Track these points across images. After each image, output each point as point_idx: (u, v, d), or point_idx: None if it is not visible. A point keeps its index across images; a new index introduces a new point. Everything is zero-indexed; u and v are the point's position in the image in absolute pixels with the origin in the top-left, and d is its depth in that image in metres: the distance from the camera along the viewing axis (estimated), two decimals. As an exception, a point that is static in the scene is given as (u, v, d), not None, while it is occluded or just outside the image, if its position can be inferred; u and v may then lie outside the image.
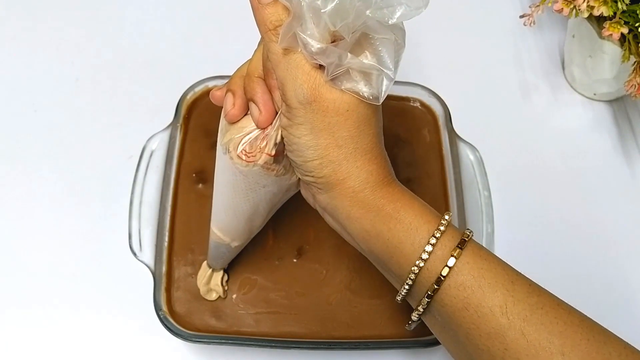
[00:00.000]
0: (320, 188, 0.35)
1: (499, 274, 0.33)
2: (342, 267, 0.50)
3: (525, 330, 0.31)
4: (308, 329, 0.48)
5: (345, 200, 0.34)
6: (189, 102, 0.57)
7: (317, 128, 0.33)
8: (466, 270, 0.33)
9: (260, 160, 0.36)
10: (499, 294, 0.32)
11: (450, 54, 0.67)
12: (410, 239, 0.33)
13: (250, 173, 0.37)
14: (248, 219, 0.42)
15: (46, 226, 0.55)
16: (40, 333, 0.51)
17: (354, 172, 0.34)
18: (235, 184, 0.39)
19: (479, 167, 0.54)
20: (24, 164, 0.59)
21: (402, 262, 0.34)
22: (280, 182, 0.39)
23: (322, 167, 0.34)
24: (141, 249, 0.50)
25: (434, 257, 0.33)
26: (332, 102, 0.32)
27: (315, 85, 0.32)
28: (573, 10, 0.51)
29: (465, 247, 0.33)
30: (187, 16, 0.69)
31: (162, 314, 0.47)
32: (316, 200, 0.37)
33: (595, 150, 0.61)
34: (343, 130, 0.33)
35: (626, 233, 0.56)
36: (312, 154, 0.34)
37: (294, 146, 0.34)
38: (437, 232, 0.33)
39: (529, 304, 0.32)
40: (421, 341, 0.47)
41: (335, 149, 0.33)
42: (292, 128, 0.34)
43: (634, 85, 0.50)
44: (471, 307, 0.32)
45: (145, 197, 0.52)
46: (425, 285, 0.33)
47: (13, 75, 0.64)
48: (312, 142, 0.33)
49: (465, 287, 0.32)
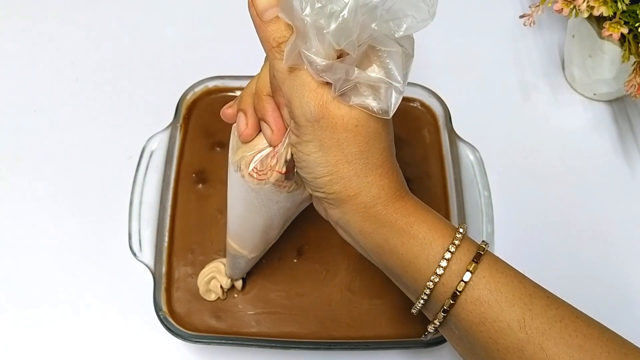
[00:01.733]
0: (331, 203, 0.35)
1: (516, 288, 0.32)
2: (342, 268, 0.50)
3: (544, 345, 0.31)
4: (308, 329, 0.48)
5: (356, 216, 0.34)
6: (189, 103, 0.57)
7: (326, 145, 0.32)
8: (482, 285, 0.32)
9: (271, 178, 0.36)
10: (517, 308, 0.32)
11: (450, 54, 0.67)
12: (425, 253, 0.33)
13: (262, 190, 0.37)
14: (263, 232, 0.42)
15: (46, 226, 0.55)
16: (40, 333, 0.51)
17: (365, 187, 0.33)
18: (249, 200, 0.39)
19: (479, 167, 0.54)
20: (24, 164, 0.59)
21: (417, 276, 0.33)
22: (292, 198, 0.39)
23: (332, 183, 0.33)
24: (141, 249, 0.50)
25: (449, 272, 0.32)
26: (341, 119, 0.32)
27: (322, 102, 0.32)
28: (573, 11, 0.51)
29: (481, 260, 0.33)
30: (187, 16, 0.69)
31: (162, 314, 0.47)
32: (328, 215, 0.36)
33: (595, 150, 0.61)
34: (353, 146, 0.33)
35: (626, 233, 0.56)
36: (322, 171, 0.33)
37: (303, 163, 0.34)
38: (452, 246, 0.33)
39: (547, 318, 0.32)
40: (421, 341, 0.47)
41: (346, 165, 0.33)
42: (301, 145, 0.33)
43: (633, 85, 0.50)
44: (488, 322, 0.32)
45: (145, 198, 0.52)
46: (441, 300, 0.33)
47: (13, 75, 0.64)
48: (321, 159, 0.33)
49: (482, 301, 0.32)
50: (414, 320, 0.48)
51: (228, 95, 0.58)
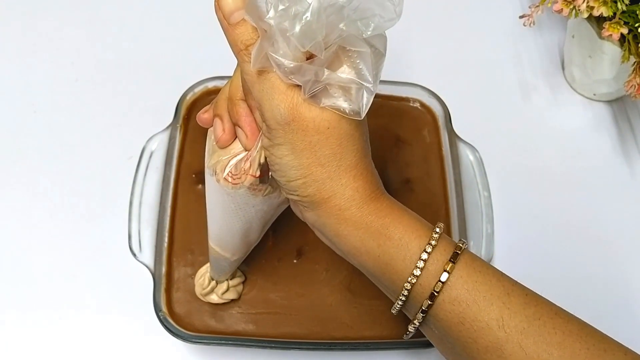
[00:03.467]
0: (306, 206, 0.34)
1: (494, 286, 0.32)
2: (341, 268, 0.50)
3: (523, 343, 0.31)
4: (308, 329, 0.48)
5: (331, 219, 0.34)
6: (189, 103, 0.57)
7: (298, 148, 0.32)
8: (460, 285, 0.32)
9: (245, 182, 0.36)
10: (495, 307, 0.32)
11: (450, 55, 0.67)
12: (402, 255, 0.33)
13: (237, 195, 0.37)
14: (243, 236, 0.42)
15: (46, 227, 0.55)
16: (39, 334, 0.51)
17: (339, 190, 0.33)
18: (225, 204, 0.39)
19: (479, 168, 0.54)
20: (24, 164, 0.59)
21: (394, 278, 0.33)
22: (269, 201, 0.38)
23: (306, 186, 0.33)
24: (141, 250, 0.50)
25: (427, 273, 0.32)
26: (312, 121, 0.31)
27: (292, 104, 0.31)
28: (573, 11, 0.51)
29: (458, 260, 0.33)
30: (187, 17, 0.69)
31: (162, 314, 0.47)
32: (304, 217, 0.36)
33: (595, 150, 0.61)
34: (325, 148, 0.32)
35: (626, 233, 0.56)
36: (294, 174, 0.33)
37: (276, 166, 0.33)
38: (429, 246, 0.33)
39: (525, 316, 0.32)
40: (421, 341, 0.47)
41: (319, 167, 0.32)
42: (274, 148, 0.33)
43: (633, 86, 0.50)
44: (467, 322, 0.32)
45: (145, 198, 0.52)
46: (419, 300, 0.33)
47: (13, 75, 0.64)
48: (294, 162, 0.32)
49: (460, 301, 0.32)
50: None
51: (228, 95, 0.58)
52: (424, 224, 0.34)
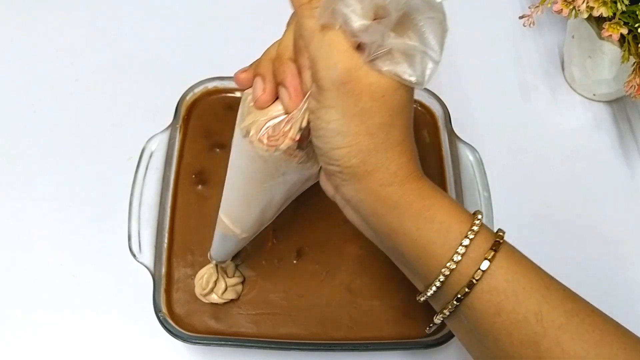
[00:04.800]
0: (345, 179, 0.33)
1: (534, 279, 0.31)
2: (342, 268, 0.50)
3: (560, 339, 0.30)
4: (308, 330, 0.48)
5: (371, 195, 0.32)
6: (189, 103, 0.57)
7: (348, 113, 0.30)
8: (500, 274, 0.31)
9: (282, 145, 0.34)
10: (534, 301, 0.31)
11: (449, 55, 0.67)
12: (441, 239, 0.32)
13: (270, 159, 0.35)
14: (261, 210, 0.40)
15: (45, 227, 0.55)
16: (39, 335, 0.51)
17: (383, 163, 0.32)
18: (252, 170, 0.37)
19: (479, 168, 0.54)
20: (23, 164, 0.59)
21: (430, 263, 0.32)
22: (300, 171, 0.36)
23: (350, 156, 0.31)
24: (140, 251, 0.50)
25: (467, 260, 0.31)
26: (368, 86, 0.30)
27: (351, 65, 0.30)
28: (572, 11, 0.51)
29: (499, 249, 0.31)
30: (187, 17, 0.69)
31: (162, 315, 0.47)
32: (339, 192, 0.34)
33: (595, 150, 0.61)
34: (376, 117, 0.31)
35: (626, 233, 0.56)
36: (340, 142, 0.31)
37: (321, 132, 0.32)
38: (471, 233, 0.31)
39: (564, 311, 0.31)
40: (421, 342, 0.47)
41: (366, 137, 0.31)
42: (321, 111, 0.31)
43: (633, 86, 0.50)
44: (504, 313, 0.31)
45: (144, 198, 0.52)
46: (455, 288, 0.32)
47: (12, 76, 0.64)
48: (342, 128, 0.31)
49: (499, 291, 0.31)
50: (414, 321, 0.48)
51: (228, 96, 0.58)
52: (464, 211, 0.33)
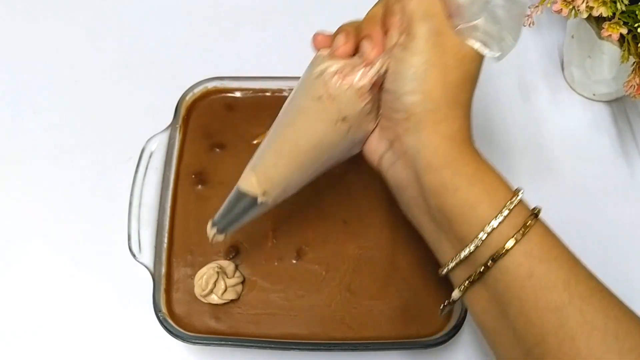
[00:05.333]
0: (409, 128, 0.35)
1: (564, 253, 0.33)
2: (341, 268, 0.50)
3: (583, 309, 0.31)
4: (308, 330, 0.48)
5: (431, 145, 0.34)
6: (188, 104, 0.57)
7: (432, 62, 0.33)
8: (535, 241, 0.33)
9: (359, 82, 0.36)
10: (564, 270, 0.32)
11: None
12: (489, 199, 0.33)
13: (340, 96, 0.36)
14: (299, 162, 0.39)
15: (44, 227, 0.55)
16: (39, 335, 0.51)
17: (449, 118, 0.34)
18: (312, 110, 0.37)
19: (479, 168, 0.54)
20: (23, 165, 0.59)
21: (474, 221, 0.33)
22: (358, 121, 0.37)
23: (422, 102, 0.34)
24: (140, 251, 0.50)
25: (508, 222, 0.33)
26: (455, 44, 0.33)
27: (445, 22, 0.33)
28: (572, 11, 0.51)
29: (537, 220, 0.33)
30: (186, 18, 0.69)
31: (162, 315, 0.47)
32: (398, 142, 0.36)
33: (595, 150, 0.61)
34: (454, 75, 0.34)
35: (626, 233, 0.56)
36: (417, 87, 0.34)
37: (401, 74, 0.34)
38: (515, 198, 0.33)
39: (589, 286, 0.32)
40: (421, 342, 0.47)
41: (441, 89, 0.34)
42: (407, 56, 0.34)
43: (633, 86, 0.50)
44: (535, 277, 0.32)
45: (144, 199, 0.52)
46: (493, 247, 0.33)
47: (12, 76, 0.64)
48: (422, 74, 0.33)
49: (534, 256, 0.32)
50: (414, 321, 0.48)
51: (228, 96, 0.58)
52: (507, 181, 0.35)
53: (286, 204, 0.53)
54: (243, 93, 0.58)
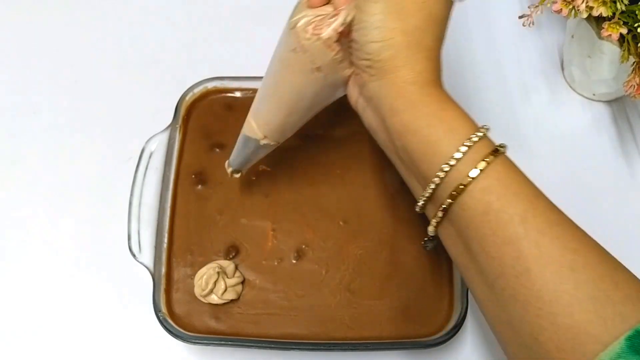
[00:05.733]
0: (372, 74, 0.36)
1: (524, 187, 0.34)
2: (341, 268, 0.50)
3: (539, 241, 0.32)
4: (308, 330, 0.48)
5: (393, 90, 0.35)
6: (188, 104, 0.57)
7: (390, 8, 0.34)
8: (494, 176, 0.33)
9: (325, 34, 0.37)
10: (521, 205, 0.33)
11: (448, 55, 0.67)
12: (448, 138, 0.34)
13: (310, 48, 0.38)
14: (287, 109, 0.43)
15: (44, 228, 0.55)
16: (39, 335, 0.51)
17: (410, 62, 0.35)
18: (290, 62, 0.39)
19: (479, 168, 0.54)
20: (23, 165, 0.59)
21: (433, 160, 0.34)
22: (334, 69, 0.39)
23: (383, 49, 0.35)
24: (140, 251, 0.50)
25: (467, 158, 0.33)
26: None
27: None
28: (572, 11, 0.51)
29: (498, 156, 0.34)
30: (186, 18, 0.69)
31: (162, 315, 0.47)
32: (364, 89, 0.37)
33: (594, 150, 0.61)
34: (413, 18, 0.34)
35: (626, 233, 0.56)
36: (377, 35, 0.35)
37: (362, 24, 0.35)
38: (475, 136, 0.34)
39: (547, 219, 0.33)
40: (421, 342, 0.47)
41: (401, 35, 0.34)
42: (367, 5, 0.35)
43: (633, 86, 0.50)
44: (492, 212, 0.33)
45: (144, 199, 0.52)
46: (452, 185, 0.34)
47: (12, 76, 0.64)
48: (381, 22, 0.34)
49: (491, 191, 0.33)
50: (414, 321, 0.48)
51: (227, 96, 0.58)
52: (472, 120, 0.35)
53: (286, 204, 0.53)
54: (243, 93, 0.58)
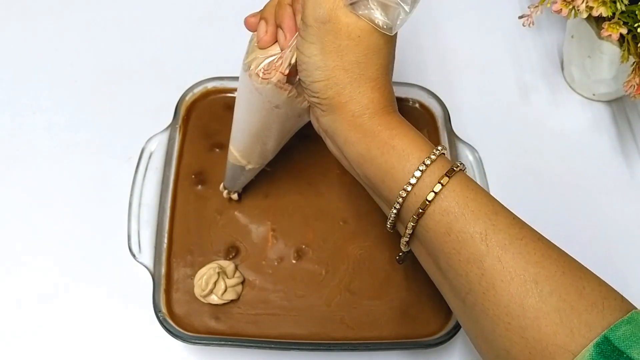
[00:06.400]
0: (323, 110, 0.37)
1: (484, 204, 0.34)
2: (341, 268, 0.50)
3: (502, 258, 0.32)
4: (308, 330, 0.48)
5: (344, 124, 0.36)
6: (188, 104, 0.57)
7: (327, 49, 0.35)
8: (451, 197, 0.34)
9: (274, 79, 0.38)
10: (481, 222, 0.33)
11: (449, 55, 0.67)
12: (402, 164, 0.35)
13: (264, 91, 0.39)
14: (261, 140, 0.45)
15: (44, 228, 0.55)
16: (39, 335, 0.51)
17: (356, 97, 0.36)
18: (251, 102, 0.41)
19: (478, 168, 0.54)
20: (23, 165, 0.59)
21: (392, 186, 0.35)
22: (292, 105, 0.40)
23: (327, 88, 0.36)
24: (140, 251, 0.50)
25: (422, 183, 0.34)
26: (346, 26, 0.34)
27: (334, 6, 0.34)
28: (572, 11, 0.51)
29: (454, 176, 0.34)
30: (186, 18, 0.69)
31: (162, 315, 0.47)
32: (319, 123, 0.38)
33: (594, 150, 0.61)
34: (351, 54, 0.35)
35: (625, 233, 0.56)
36: (319, 75, 0.36)
37: (304, 65, 0.36)
38: (428, 159, 0.34)
39: (509, 234, 0.33)
40: (421, 342, 0.47)
41: (342, 71, 0.35)
42: (305, 46, 0.35)
43: (632, 86, 0.50)
44: (453, 233, 0.33)
45: (144, 199, 0.52)
46: (412, 209, 0.35)
47: (12, 76, 0.64)
48: (320, 62, 0.35)
49: (449, 212, 0.34)
50: (414, 321, 0.48)
51: (227, 96, 0.58)
52: (427, 143, 0.36)
53: (286, 204, 0.53)
54: (243, 93, 0.58)
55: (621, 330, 0.30)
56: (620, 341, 0.30)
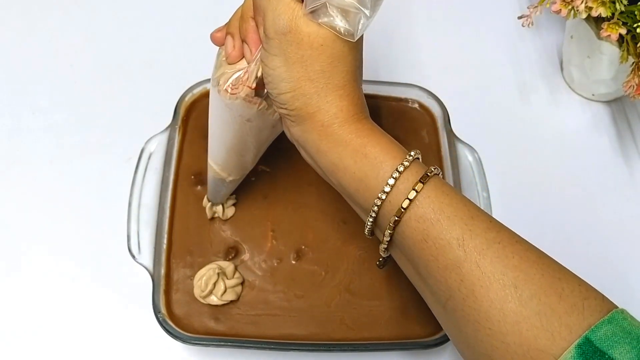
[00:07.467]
0: (292, 121, 0.36)
1: (459, 209, 0.34)
2: (341, 269, 0.50)
3: (480, 263, 0.32)
4: (307, 330, 0.48)
5: (314, 134, 0.36)
6: (188, 104, 0.57)
7: (290, 60, 0.34)
8: (427, 204, 0.33)
9: (241, 93, 0.38)
10: (457, 228, 0.33)
11: (448, 55, 0.67)
12: (375, 172, 0.34)
13: (234, 106, 0.39)
14: (238, 153, 0.45)
15: (44, 228, 0.55)
16: (39, 335, 0.51)
17: (324, 106, 0.35)
18: (223, 117, 0.41)
19: (478, 168, 0.54)
20: (22, 166, 0.59)
21: (367, 195, 0.35)
22: (263, 117, 0.41)
23: (294, 99, 0.35)
24: (140, 251, 0.50)
25: (396, 191, 0.34)
26: (307, 36, 0.33)
27: (293, 17, 0.33)
28: (571, 11, 0.51)
29: (428, 182, 0.34)
30: (186, 18, 0.69)
31: (161, 316, 0.47)
32: (290, 133, 0.38)
33: (594, 150, 0.61)
34: (316, 64, 0.34)
35: (625, 233, 0.56)
36: (285, 87, 0.35)
37: (269, 78, 0.36)
38: (401, 166, 0.34)
39: (486, 239, 0.33)
40: (421, 342, 0.47)
41: (308, 82, 0.34)
42: (268, 59, 0.35)
43: (632, 86, 0.50)
44: (430, 239, 0.33)
45: (143, 199, 0.52)
46: (388, 217, 0.34)
47: (11, 77, 0.64)
48: (285, 74, 0.35)
49: (425, 219, 0.33)
50: (413, 321, 0.48)
51: (227, 96, 0.58)
52: (400, 149, 0.36)
53: (286, 204, 0.53)
54: (242, 93, 0.58)
55: (602, 330, 0.30)
56: (601, 342, 0.29)
